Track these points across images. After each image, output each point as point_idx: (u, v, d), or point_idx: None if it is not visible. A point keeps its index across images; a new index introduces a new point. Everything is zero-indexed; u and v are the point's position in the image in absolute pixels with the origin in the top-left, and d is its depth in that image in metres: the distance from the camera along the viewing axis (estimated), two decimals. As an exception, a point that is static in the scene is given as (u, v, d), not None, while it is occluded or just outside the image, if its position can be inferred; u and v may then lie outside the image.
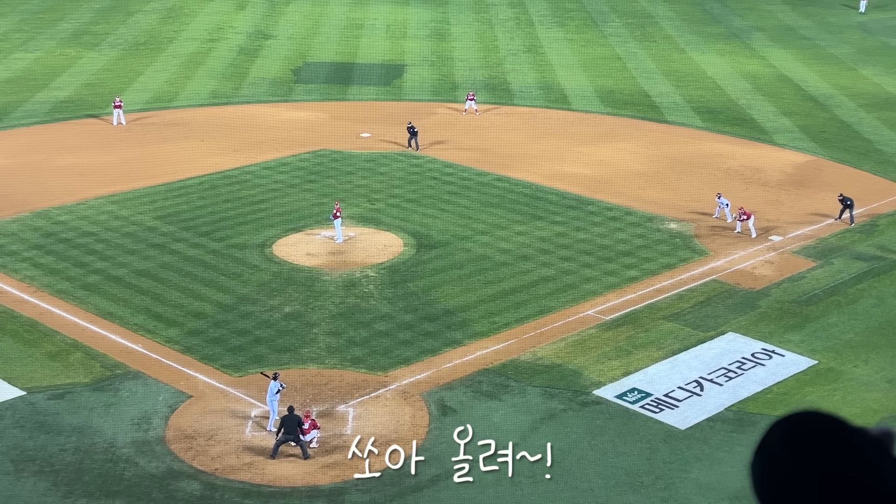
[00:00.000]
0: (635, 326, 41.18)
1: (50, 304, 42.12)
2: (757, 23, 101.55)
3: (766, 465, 2.55)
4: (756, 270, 46.70)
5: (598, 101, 74.41)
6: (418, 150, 61.39)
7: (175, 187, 55.71)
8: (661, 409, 35.30)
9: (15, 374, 36.64)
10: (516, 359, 38.41)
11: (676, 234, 50.44)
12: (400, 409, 35.17)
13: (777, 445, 2.56)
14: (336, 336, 39.92)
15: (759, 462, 2.61)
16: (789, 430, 2.57)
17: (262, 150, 61.98)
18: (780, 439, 2.59)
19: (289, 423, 32.19)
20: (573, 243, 49.13)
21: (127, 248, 47.58)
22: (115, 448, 32.46)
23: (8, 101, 71.21)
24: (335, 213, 48.20)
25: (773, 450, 2.58)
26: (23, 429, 33.45)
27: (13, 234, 48.96)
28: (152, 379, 36.62)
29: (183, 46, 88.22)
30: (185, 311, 41.67)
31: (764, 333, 40.84)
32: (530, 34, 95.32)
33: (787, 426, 2.55)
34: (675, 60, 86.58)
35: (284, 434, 32.18)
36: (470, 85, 74.96)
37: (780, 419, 2.63)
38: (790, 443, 2.53)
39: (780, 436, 2.60)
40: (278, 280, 44.66)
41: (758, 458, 2.63)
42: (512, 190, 56.18)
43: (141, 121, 67.86)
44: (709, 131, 67.83)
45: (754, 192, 55.98)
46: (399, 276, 45.20)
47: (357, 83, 78.22)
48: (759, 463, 2.61)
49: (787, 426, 2.55)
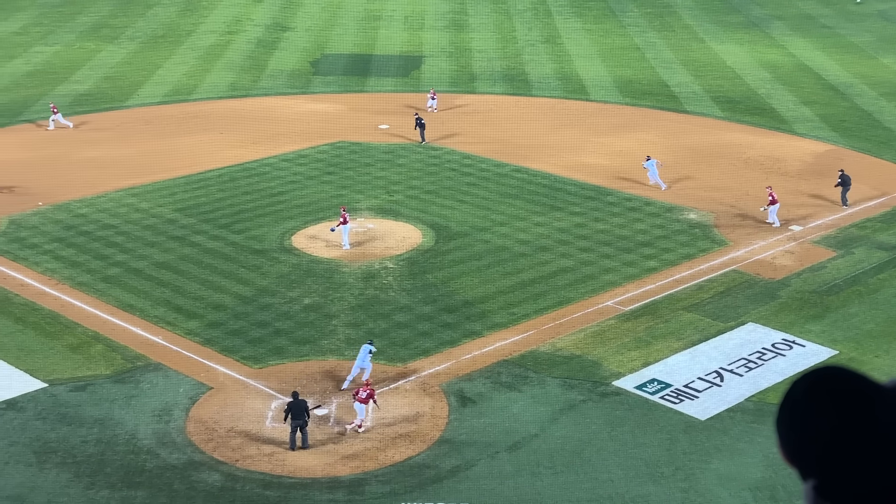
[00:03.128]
0: (655, 317, 41.09)
1: (71, 296, 42.34)
2: (776, 12, 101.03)
3: (789, 417, 2.62)
4: (776, 260, 46.51)
5: (616, 91, 74.19)
6: (423, 142, 61.16)
7: (194, 180, 55.89)
8: (681, 400, 35.23)
9: (37, 367, 36.87)
10: (535, 350, 38.39)
11: (696, 225, 50.28)
12: (419, 400, 35.22)
13: (799, 398, 2.63)
14: (355, 328, 39.98)
15: (783, 415, 2.68)
16: (811, 384, 2.64)
17: (280, 143, 62.09)
18: (801, 392, 2.67)
19: (295, 408, 32.27)
20: (592, 234, 49.04)
21: (147, 241, 47.77)
22: (136, 439, 32.63)
23: (28, 95, 71.54)
24: (343, 219, 46.81)
25: (796, 402, 2.65)
26: (45, 421, 33.66)
27: (34, 227, 49.22)
28: (173, 371, 36.78)
29: (201, 39, 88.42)
30: (205, 303, 41.82)
31: (784, 324, 40.68)
32: (548, 24, 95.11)
33: (809, 380, 2.62)
34: (694, 50, 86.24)
35: (293, 420, 32.21)
36: (433, 83, 74.28)
37: (803, 374, 2.70)
38: (811, 394, 2.61)
39: (802, 388, 2.67)
40: (297, 272, 44.76)
41: (782, 411, 2.69)
42: (531, 181, 56.11)
43: (160, 113, 68.06)
44: (728, 121, 67.56)
45: (774, 182, 55.69)
46: (418, 268, 45.23)
47: (375, 75, 78.23)
48: (783, 416, 2.68)
49: (808, 380, 2.62)
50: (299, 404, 32.27)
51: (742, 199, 53.61)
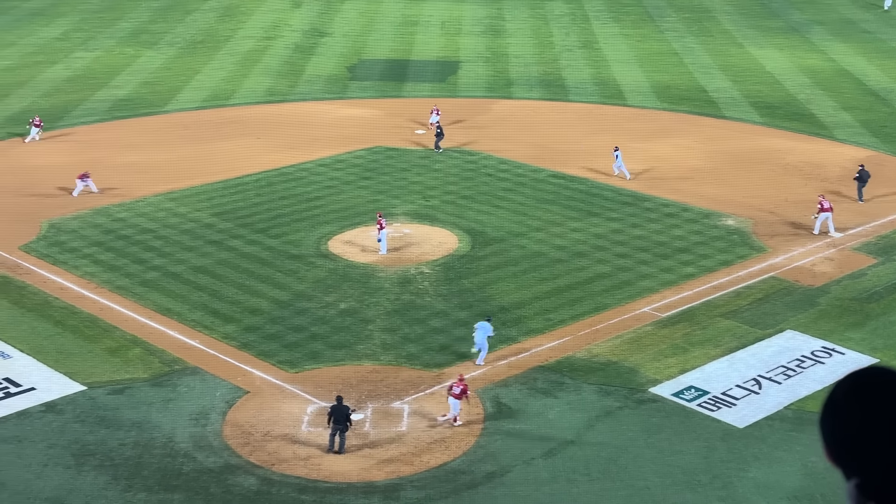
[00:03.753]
0: (692, 324, 40.82)
1: (110, 300, 42.66)
2: (816, 16, 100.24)
3: (831, 417, 2.67)
4: (815, 267, 46.08)
5: (654, 96, 73.86)
6: (440, 151, 60.81)
7: (232, 184, 56.18)
8: (718, 408, 34.97)
9: (76, 370, 37.17)
10: (571, 356, 38.24)
11: (734, 231, 49.93)
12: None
13: (842, 398, 2.68)
14: (391, 332, 40.00)
15: (826, 415, 2.74)
16: (853, 384, 2.68)
17: (317, 147, 62.30)
18: (844, 392, 2.72)
19: (337, 412, 32.39)
20: (629, 240, 48.82)
21: (185, 245, 48.07)
22: (173, 443, 32.80)
23: (69, 100, 72.23)
24: (381, 224, 46.91)
25: (838, 402, 2.70)
26: (84, 423, 33.92)
27: (74, 231, 49.66)
28: (210, 375, 36.96)
29: (239, 44, 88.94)
30: (242, 308, 42.00)
31: (823, 331, 40.28)
32: (586, 30, 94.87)
33: (852, 380, 2.67)
34: (732, 55, 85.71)
35: (334, 424, 32.35)
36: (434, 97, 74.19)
37: (846, 375, 2.75)
38: (853, 394, 2.65)
39: (845, 389, 2.72)
40: (334, 277, 44.86)
41: (825, 411, 2.76)
42: (567, 186, 55.95)
43: (198, 119, 68.51)
44: (767, 126, 67.07)
45: (814, 188, 55.24)
46: (454, 273, 45.20)
47: (412, 80, 78.34)
48: (826, 416, 2.74)
49: (851, 380, 2.67)
50: (341, 409, 32.37)
51: (781, 205, 53.18)
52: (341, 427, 32.33)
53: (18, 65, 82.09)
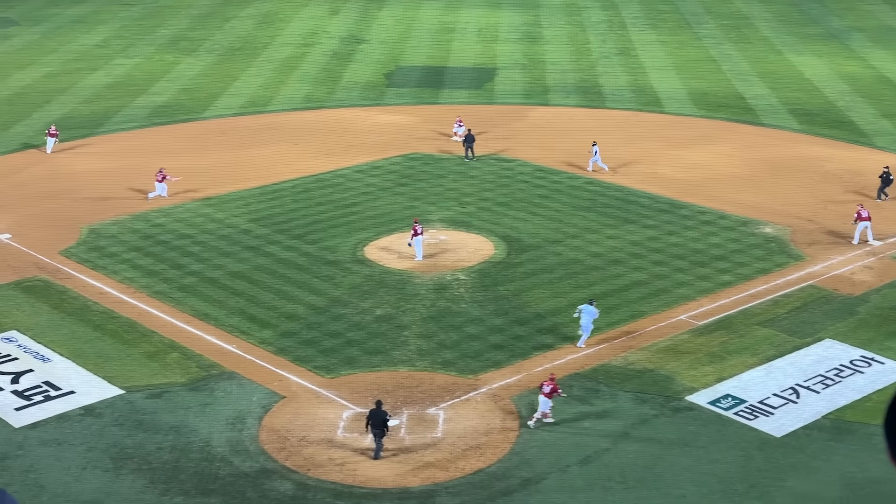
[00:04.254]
0: (729, 332, 40.58)
1: (148, 304, 43.02)
2: (856, 23, 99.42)
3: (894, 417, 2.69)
4: (855, 276, 45.68)
5: (691, 103, 73.55)
6: (473, 159, 60.69)
7: (269, 190, 56.50)
8: (755, 417, 34.73)
9: (114, 374, 37.50)
10: (607, 363, 38.13)
11: (772, 239, 49.60)
12: (490, 412, 35.16)
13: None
14: (427, 339, 40.06)
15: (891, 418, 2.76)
16: None
17: (354, 154, 62.53)
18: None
19: (374, 417, 32.51)
20: (665, 247, 48.62)
21: (222, 251, 48.38)
22: (210, 447, 33.01)
23: (109, 107, 72.94)
24: (415, 231, 47.02)
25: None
26: (122, 427, 34.21)
27: (113, 237, 50.12)
28: (246, 379, 37.17)
29: (277, 51, 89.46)
30: (279, 313, 42.21)
31: (863, 340, 39.92)
32: (623, 37, 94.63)
33: None
34: (771, 62, 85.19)
35: (372, 428, 32.47)
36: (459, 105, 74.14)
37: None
38: None
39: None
40: (370, 283, 44.99)
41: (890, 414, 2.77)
42: (603, 193, 55.82)
43: (236, 125, 68.96)
44: (806, 134, 66.60)
45: (854, 196, 54.78)
46: (490, 280, 45.20)
47: (449, 87, 78.46)
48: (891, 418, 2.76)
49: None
50: (379, 414, 32.48)
51: (820, 213, 52.78)
52: (377, 432, 32.45)
53: (59, 71, 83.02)
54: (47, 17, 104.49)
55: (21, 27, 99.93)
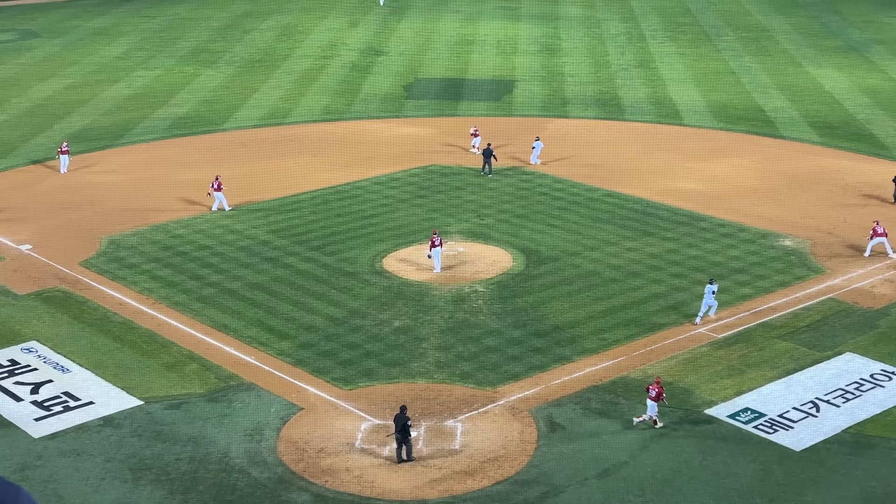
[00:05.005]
0: (749, 345, 40.42)
1: (167, 315, 43.16)
2: (877, 36, 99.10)
3: None
4: (875, 289, 45.45)
5: (710, 116, 73.42)
6: (490, 174, 60.49)
7: (288, 202, 56.66)
8: (775, 430, 34.56)
9: (133, 384, 37.62)
10: (626, 376, 38.02)
11: (792, 252, 49.41)
12: (508, 425, 35.10)
13: None
14: (445, 351, 40.05)
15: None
16: None
17: (372, 166, 62.65)
18: None
19: (397, 421, 32.69)
20: (684, 260, 48.49)
21: (241, 262, 48.53)
22: (228, 458, 33.06)
23: (129, 118, 73.34)
24: (433, 243, 47.10)
25: None
26: (140, 438, 34.30)
27: (133, 248, 50.34)
28: (265, 391, 37.23)
29: (297, 63, 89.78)
30: (297, 325, 42.29)
31: (884, 354, 39.69)
32: (642, 49, 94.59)
33: None
34: (790, 74, 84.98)
35: (396, 432, 32.68)
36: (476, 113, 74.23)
37: None
38: None
39: None
40: (388, 294, 45.03)
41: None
42: (622, 206, 55.74)
43: (255, 136, 69.21)
44: (826, 147, 66.38)
45: (874, 210, 54.55)
46: (508, 292, 45.17)
47: (467, 99, 78.56)
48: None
49: None
50: (401, 419, 32.66)
51: (839, 226, 52.56)
52: (398, 437, 32.63)
53: (80, 83, 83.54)
54: (69, 29, 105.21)
55: (43, 39, 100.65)
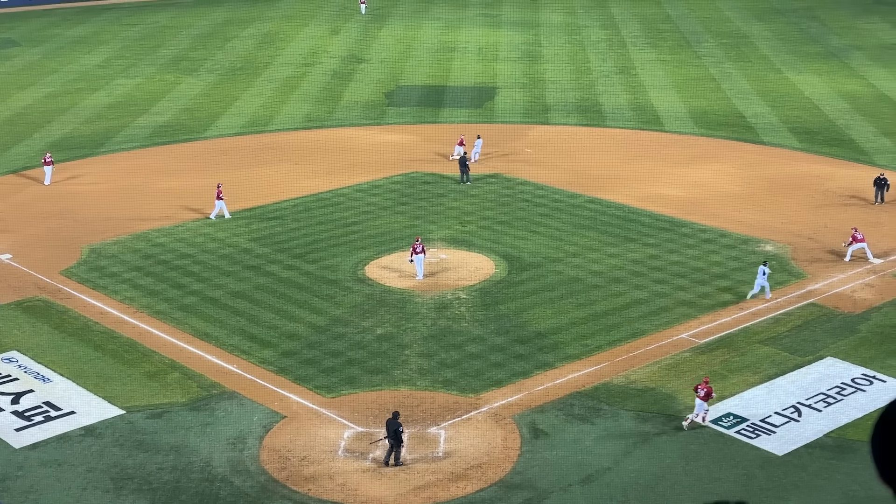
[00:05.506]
0: (730, 350, 40.55)
1: (149, 324, 43.01)
2: (856, 42, 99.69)
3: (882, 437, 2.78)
4: (856, 294, 45.67)
5: (691, 122, 73.68)
6: (469, 183, 60.20)
7: (270, 210, 56.55)
8: (757, 435, 34.67)
9: (115, 394, 37.45)
10: (609, 382, 38.08)
11: (773, 257, 49.59)
12: (492, 431, 35.09)
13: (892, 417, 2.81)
14: (428, 358, 40.03)
15: (878, 435, 2.84)
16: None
17: (354, 173, 62.61)
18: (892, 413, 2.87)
19: (388, 426, 32.83)
20: (666, 266, 48.62)
21: (223, 270, 48.40)
22: (210, 467, 32.94)
23: (110, 126, 73.09)
24: (414, 249, 47.06)
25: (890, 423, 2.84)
26: (122, 447, 34.14)
27: (114, 256, 50.14)
28: (247, 399, 37.12)
29: (278, 71, 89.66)
30: (280, 333, 42.20)
31: (864, 358, 39.87)
32: (623, 55, 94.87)
33: None
34: (770, 80, 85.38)
35: (386, 437, 32.74)
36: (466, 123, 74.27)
37: None
38: None
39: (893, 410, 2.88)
40: (370, 302, 44.98)
41: (876, 431, 2.86)
42: (604, 212, 55.86)
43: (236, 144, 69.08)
44: (806, 152, 66.68)
45: (854, 214, 54.83)
46: (490, 299, 45.19)
47: (449, 106, 78.61)
48: (878, 436, 2.84)
49: None
50: (392, 424, 32.73)
51: (820, 231, 52.81)
52: (392, 441, 32.68)
53: (60, 92, 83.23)
54: (48, 37, 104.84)
55: (22, 48, 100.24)
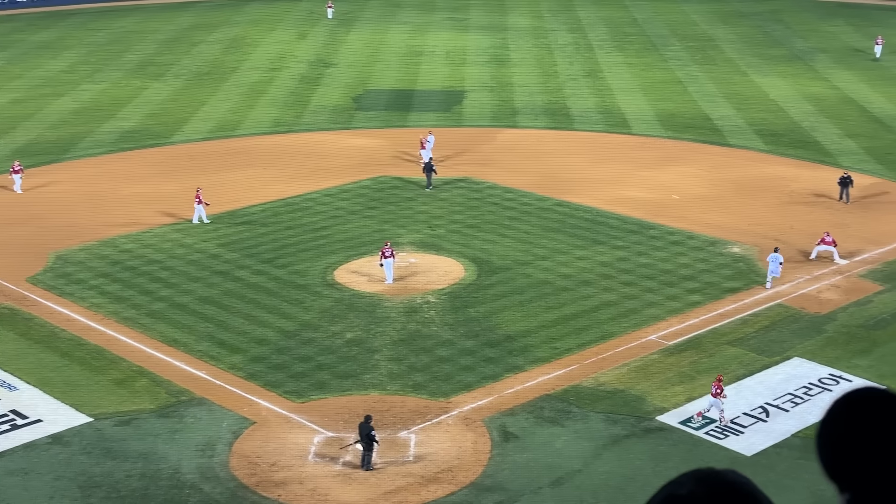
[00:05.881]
0: (699, 352, 40.77)
1: (116, 331, 42.72)
2: (820, 44, 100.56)
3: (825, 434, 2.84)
4: (822, 295, 46.04)
5: (658, 124, 74.04)
6: (431, 188, 60.17)
7: (238, 215, 56.33)
8: (726, 436, 34.87)
9: (82, 401, 37.17)
10: (578, 384, 38.19)
11: (740, 258, 49.92)
12: (462, 435, 35.10)
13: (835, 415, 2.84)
14: (397, 362, 39.99)
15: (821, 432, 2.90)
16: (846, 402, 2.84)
17: (323, 178, 62.47)
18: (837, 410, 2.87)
19: (360, 429, 32.82)
20: (635, 268, 48.83)
21: (191, 276, 48.16)
22: (179, 474, 32.75)
23: (76, 132, 72.57)
24: (383, 254, 47.05)
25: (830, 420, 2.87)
26: (90, 455, 33.89)
27: (81, 263, 49.78)
28: (216, 405, 36.94)
29: (245, 76, 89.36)
30: (249, 338, 42.03)
31: (830, 358, 40.21)
32: (590, 59, 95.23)
33: (845, 398, 2.84)
34: (736, 83, 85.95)
35: (358, 441, 32.69)
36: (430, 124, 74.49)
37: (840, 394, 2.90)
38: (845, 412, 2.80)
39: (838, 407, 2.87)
40: (340, 306, 44.90)
41: (820, 428, 2.91)
42: (572, 215, 56.02)
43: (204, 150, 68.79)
44: (772, 154, 67.14)
45: (819, 216, 55.28)
46: (460, 302, 45.22)
47: (417, 110, 78.61)
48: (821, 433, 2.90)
49: (844, 398, 2.84)
50: (364, 427, 32.72)
51: (786, 232, 53.19)
52: (365, 445, 32.64)
53: (25, 97, 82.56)
54: (12, 42, 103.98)
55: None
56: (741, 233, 53.18)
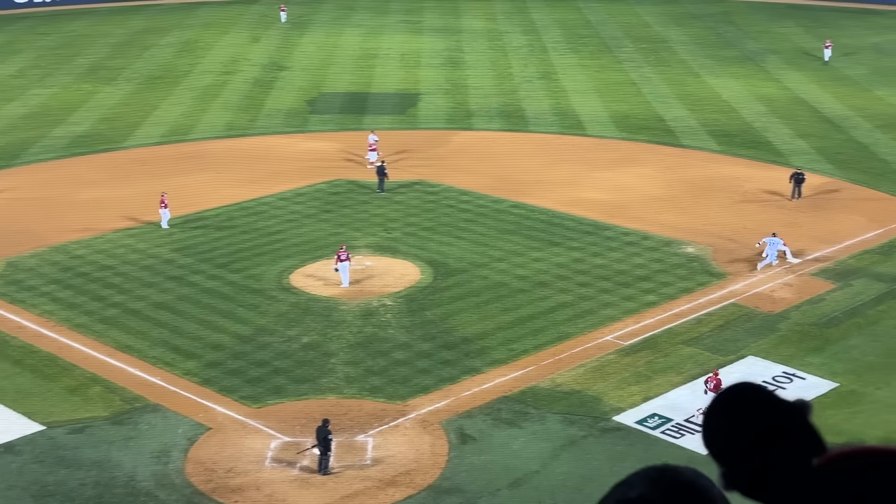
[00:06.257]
0: (654, 351, 40.99)
1: (68, 338, 42.22)
2: (771, 45, 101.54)
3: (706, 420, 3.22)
4: (775, 293, 46.46)
5: (613, 126, 74.40)
6: (382, 192, 59.74)
7: (192, 220, 55.88)
8: (682, 435, 35.07)
9: (34, 409, 36.69)
10: (535, 386, 38.25)
11: (694, 259, 50.26)
12: (419, 438, 35.04)
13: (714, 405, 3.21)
14: (354, 366, 39.86)
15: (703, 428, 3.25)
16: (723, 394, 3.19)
17: (278, 181, 62.15)
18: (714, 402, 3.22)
19: (318, 433, 32.68)
20: (590, 269, 49.01)
21: (144, 281, 47.72)
22: (134, 482, 32.42)
23: (26, 137, 71.69)
24: (339, 257, 46.92)
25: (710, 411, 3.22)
26: (42, 464, 33.46)
27: (32, 269, 49.16)
28: (171, 412, 36.61)
29: (198, 79, 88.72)
30: (203, 343, 41.71)
31: (784, 356, 40.58)
32: (544, 61, 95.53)
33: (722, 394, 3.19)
34: (689, 84, 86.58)
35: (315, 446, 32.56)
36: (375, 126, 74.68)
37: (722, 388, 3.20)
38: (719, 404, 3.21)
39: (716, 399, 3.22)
40: (296, 310, 44.67)
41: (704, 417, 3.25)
42: (528, 216, 56.13)
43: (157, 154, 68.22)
44: (724, 154, 67.67)
45: (772, 215, 55.79)
46: (416, 305, 45.15)
47: (372, 113, 78.45)
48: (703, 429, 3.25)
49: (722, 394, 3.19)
50: (321, 431, 32.57)
51: (740, 232, 53.62)
52: (321, 448, 32.49)
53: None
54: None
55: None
56: (696, 233, 53.55)
